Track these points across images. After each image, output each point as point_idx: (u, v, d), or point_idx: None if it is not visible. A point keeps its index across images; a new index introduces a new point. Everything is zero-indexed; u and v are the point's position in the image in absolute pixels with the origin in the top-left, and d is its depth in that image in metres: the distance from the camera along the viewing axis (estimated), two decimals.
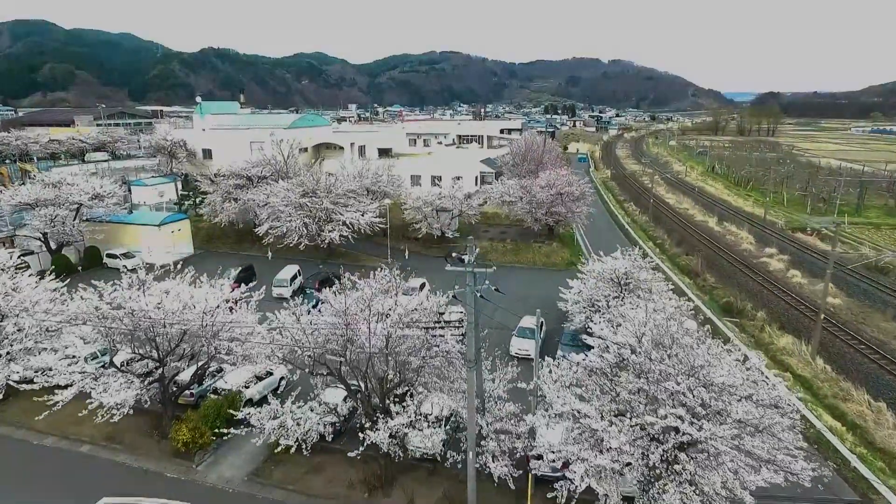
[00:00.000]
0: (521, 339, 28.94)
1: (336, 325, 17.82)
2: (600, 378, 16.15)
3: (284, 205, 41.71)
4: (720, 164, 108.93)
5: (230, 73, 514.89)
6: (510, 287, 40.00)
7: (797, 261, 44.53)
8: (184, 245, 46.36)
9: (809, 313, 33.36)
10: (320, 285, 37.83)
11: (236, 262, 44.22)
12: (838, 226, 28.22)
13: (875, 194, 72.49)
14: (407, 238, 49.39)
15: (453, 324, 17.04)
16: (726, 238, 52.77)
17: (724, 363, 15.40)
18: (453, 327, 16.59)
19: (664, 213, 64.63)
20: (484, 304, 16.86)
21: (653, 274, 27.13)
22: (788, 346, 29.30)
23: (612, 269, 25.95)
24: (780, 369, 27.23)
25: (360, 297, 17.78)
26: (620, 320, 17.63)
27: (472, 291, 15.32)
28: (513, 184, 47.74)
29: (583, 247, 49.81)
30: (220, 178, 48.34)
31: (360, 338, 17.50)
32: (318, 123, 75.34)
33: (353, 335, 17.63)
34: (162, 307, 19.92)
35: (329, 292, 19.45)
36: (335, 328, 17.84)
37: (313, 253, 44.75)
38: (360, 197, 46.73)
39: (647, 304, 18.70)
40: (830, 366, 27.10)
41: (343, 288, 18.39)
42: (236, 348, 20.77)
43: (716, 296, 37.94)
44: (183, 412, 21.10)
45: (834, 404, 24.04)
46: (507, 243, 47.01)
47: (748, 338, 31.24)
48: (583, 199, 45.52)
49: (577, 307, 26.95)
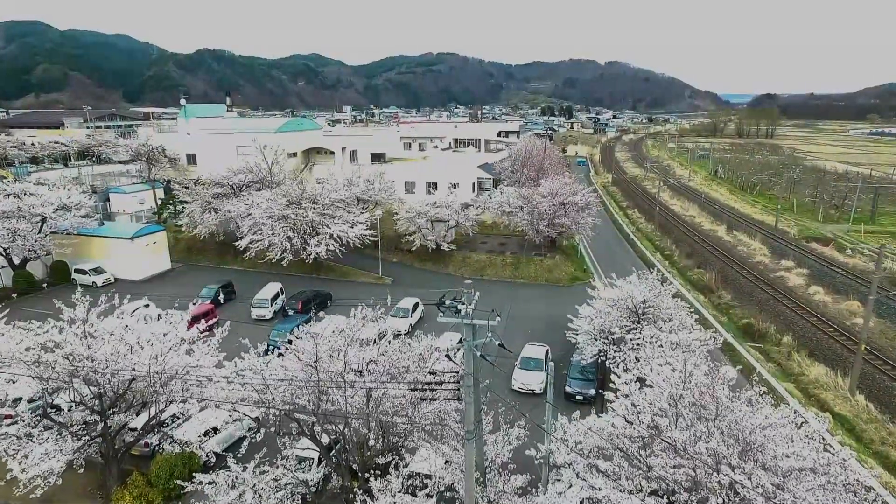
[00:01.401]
0: (525, 371, 25.84)
1: (306, 377, 14.73)
2: (628, 447, 13.10)
3: (267, 217, 38.56)
4: (723, 167, 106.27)
5: (226, 75, 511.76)
6: (505, 308, 37.12)
7: (817, 275, 41.69)
8: (160, 259, 43.14)
9: (839, 337, 30.46)
10: (304, 306, 34.84)
11: (217, 277, 41.16)
12: (882, 246, 25.28)
13: (888, 201, 69.83)
14: (400, 251, 46.34)
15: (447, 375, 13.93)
16: (738, 249, 49.88)
17: (786, 433, 12.42)
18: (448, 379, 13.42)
19: (670, 221, 61.79)
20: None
21: (675, 301, 24.13)
22: (821, 378, 26.36)
23: (629, 297, 22.90)
24: (817, 407, 24.29)
25: (334, 345, 14.66)
26: (649, 374, 14.57)
27: (470, 349, 12.25)
28: (512, 192, 44.67)
29: (587, 260, 46.82)
30: (200, 186, 45.16)
31: (333, 394, 14.42)
32: (308, 127, 72.17)
33: (326, 389, 14.55)
34: (105, 350, 16.79)
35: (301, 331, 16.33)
36: (305, 380, 14.74)
37: (299, 268, 41.65)
38: (349, 207, 43.69)
39: (681, 354, 15.70)
40: (873, 403, 24.15)
41: (313, 335, 15.18)
42: (194, 395, 17.63)
43: (734, 316, 35.00)
44: (145, 465, 18.03)
45: (884, 452, 21.08)
46: (506, 256, 43.98)
47: (775, 367, 28.30)
48: (588, 209, 42.51)
49: (587, 337, 23.89)
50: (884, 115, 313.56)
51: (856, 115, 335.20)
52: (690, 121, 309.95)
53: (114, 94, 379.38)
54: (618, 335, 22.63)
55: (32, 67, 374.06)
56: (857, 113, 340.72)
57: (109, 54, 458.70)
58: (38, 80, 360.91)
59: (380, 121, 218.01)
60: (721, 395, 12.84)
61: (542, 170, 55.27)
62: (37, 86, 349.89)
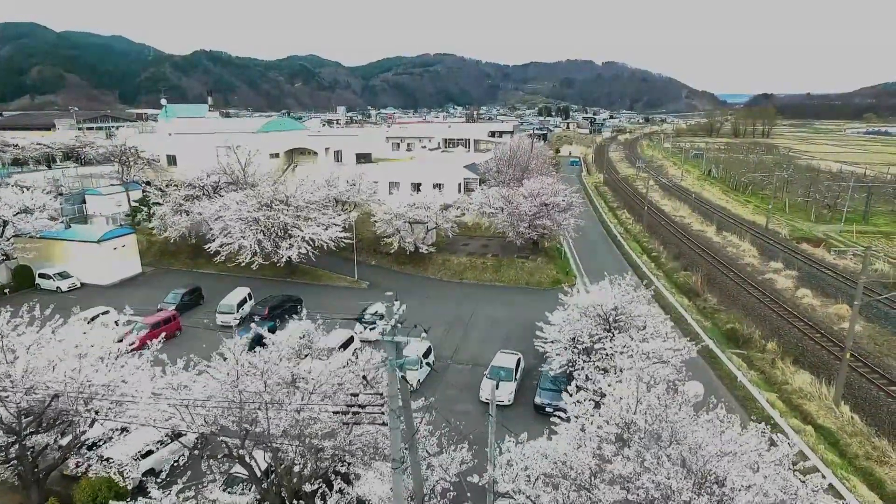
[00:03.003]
0: (494, 380, 24.51)
1: (229, 398, 13.39)
2: (578, 475, 11.77)
3: (238, 219, 37.22)
4: (717, 167, 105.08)
5: (222, 76, 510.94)
6: (486, 311, 36.06)
7: (806, 277, 40.41)
8: (130, 262, 41.76)
9: (826, 343, 29.16)
10: (270, 312, 33.46)
11: (190, 281, 39.84)
12: (867, 248, 23.98)
13: (881, 200, 68.63)
14: (379, 253, 45.02)
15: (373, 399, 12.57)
16: (727, 251, 48.61)
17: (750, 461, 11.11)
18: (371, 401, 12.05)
19: (659, 222, 60.52)
20: (452, 327, 12.47)
21: (649, 307, 22.82)
22: (805, 388, 25.08)
23: (598, 304, 21.58)
24: (799, 418, 23.02)
25: (257, 367, 13.28)
26: (605, 387, 13.26)
27: (393, 369, 10.91)
28: (493, 193, 43.36)
29: (572, 262, 45.53)
30: (172, 187, 43.83)
31: (259, 415, 13.09)
32: (291, 127, 70.87)
33: (251, 409, 13.22)
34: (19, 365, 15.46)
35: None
36: (227, 400, 13.41)
37: (273, 272, 40.33)
38: (325, 209, 42.39)
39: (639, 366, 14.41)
40: (858, 414, 22.87)
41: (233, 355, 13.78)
42: (117, 414, 16.28)
43: (718, 321, 33.71)
44: (73, 485, 16.72)
45: (868, 468, 19.79)
46: (486, 259, 42.66)
47: (758, 375, 27.00)
48: (570, 209, 41.22)
49: (557, 346, 22.56)
50: (880, 114, 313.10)
51: (853, 114, 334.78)
52: (687, 121, 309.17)
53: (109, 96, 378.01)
54: (586, 344, 21.33)
55: (28, 69, 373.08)
56: (854, 112, 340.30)
57: (105, 56, 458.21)
58: (33, 81, 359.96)
59: (376, 121, 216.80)
60: (677, 417, 11.52)
61: (528, 170, 53.95)
62: (32, 88, 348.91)
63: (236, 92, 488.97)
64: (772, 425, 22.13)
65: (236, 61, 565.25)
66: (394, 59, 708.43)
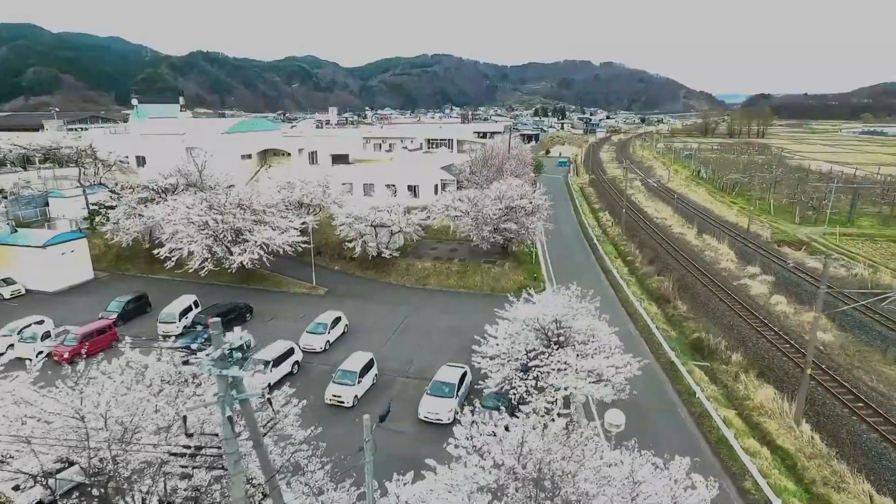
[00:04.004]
0: (435, 397, 22.93)
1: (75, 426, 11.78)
2: None
3: (187, 222, 35.62)
4: (706, 167, 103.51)
5: (219, 77, 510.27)
6: (445, 319, 34.40)
7: (782, 282, 38.83)
8: (80, 268, 40.15)
9: (794, 354, 27.58)
10: None
11: (144, 287, 38.26)
12: (828, 255, 22.44)
13: (869, 201, 67.06)
14: (343, 258, 43.44)
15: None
16: (705, 254, 47.03)
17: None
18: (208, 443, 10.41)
19: (640, 224, 58.93)
20: (406, 336, 10.83)
21: (593, 318, 21.22)
22: (767, 403, 23.50)
23: (535, 317, 19.98)
24: (757, 438, 21.44)
25: (101, 396, 11.65)
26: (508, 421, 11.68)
27: (224, 407, 9.29)
28: (459, 195, 41.79)
29: (542, 267, 43.93)
30: (127, 190, 42.27)
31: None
32: (264, 128, 69.24)
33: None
34: None
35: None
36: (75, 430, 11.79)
37: (229, 278, 38.76)
38: (284, 212, 40.83)
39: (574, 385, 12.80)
40: (819, 434, 21.29)
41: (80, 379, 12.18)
42: None
43: (686, 329, 32.12)
44: None
45: (824, 496, 18.20)
46: (452, 264, 41.08)
47: (719, 389, 25.42)
48: (538, 213, 39.64)
49: (493, 362, 20.94)
50: (877, 114, 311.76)
51: (850, 114, 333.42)
52: (684, 121, 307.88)
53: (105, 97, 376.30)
54: (523, 361, 19.76)
55: (24, 70, 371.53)
56: (850, 112, 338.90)
57: (102, 57, 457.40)
58: (28, 83, 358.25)
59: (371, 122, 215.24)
60: (561, 466, 9.94)
61: (502, 171, 52.36)
62: (27, 89, 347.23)
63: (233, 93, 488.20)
64: (725, 448, 20.65)
65: (233, 62, 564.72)
66: (392, 60, 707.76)
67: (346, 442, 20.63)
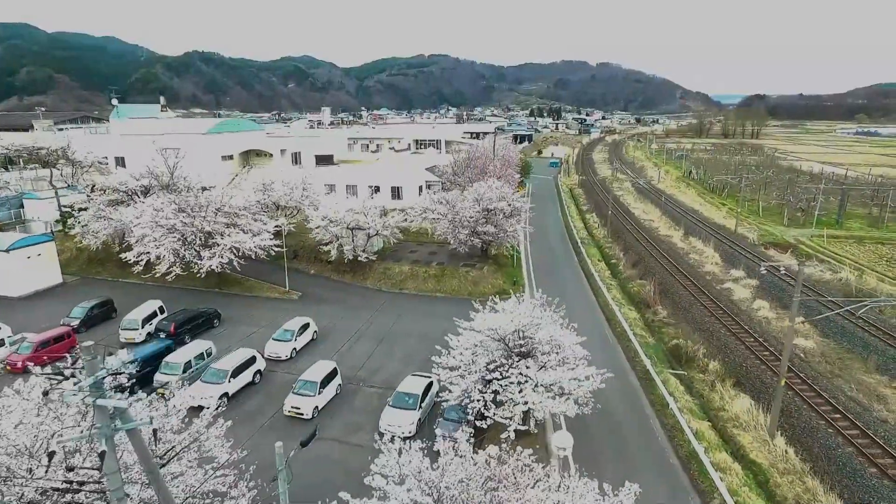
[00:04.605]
0: (398, 409, 21.97)
1: None
2: None
3: (154, 225, 34.61)
4: (697, 168, 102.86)
5: (215, 77, 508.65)
6: (420, 324, 33.20)
7: (766, 286, 38.04)
8: (47, 272, 39.07)
9: (772, 362, 26.76)
10: (178, 328, 30.83)
11: (115, 291, 37.24)
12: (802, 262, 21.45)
13: (859, 203, 66.39)
14: (320, 261, 42.49)
15: None
16: (689, 257, 46.23)
17: None
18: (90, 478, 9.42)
19: (625, 226, 58.11)
20: (378, 343, 9.89)
21: (559, 327, 20.32)
22: (743, 415, 22.65)
23: (495, 328, 19.06)
24: (730, 452, 20.59)
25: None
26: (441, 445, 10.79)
27: (104, 436, 8.33)
28: (437, 197, 40.89)
29: (524, 270, 43.04)
30: (98, 192, 41.23)
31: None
32: (246, 128, 68.22)
33: None
34: None
35: None
36: None
37: (201, 282, 37.76)
38: (258, 214, 39.87)
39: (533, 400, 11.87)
40: (794, 447, 20.44)
41: None
42: None
43: (665, 336, 31.29)
44: None
45: None
46: (430, 267, 40.16)
47: (694, 400, 24.57)
48: (517, 215, 38.75)
49: (453, 374, 20.01)
50: (872, 115, 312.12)
51: (845, 115, 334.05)
52: (679, 122, 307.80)
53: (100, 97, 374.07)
54: (483, 374, 18.87)
55: (18, 70, 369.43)
56: (845, 113, 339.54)
57: (98, 57, 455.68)
58: (22, 83, 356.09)
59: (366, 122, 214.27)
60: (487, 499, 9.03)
61: (485, 173, 51.44)
62: (21, 89, 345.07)
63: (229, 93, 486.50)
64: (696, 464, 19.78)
65: (229, 62, 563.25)
66: (388, 60, 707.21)
67: (301, 458, 19.74)
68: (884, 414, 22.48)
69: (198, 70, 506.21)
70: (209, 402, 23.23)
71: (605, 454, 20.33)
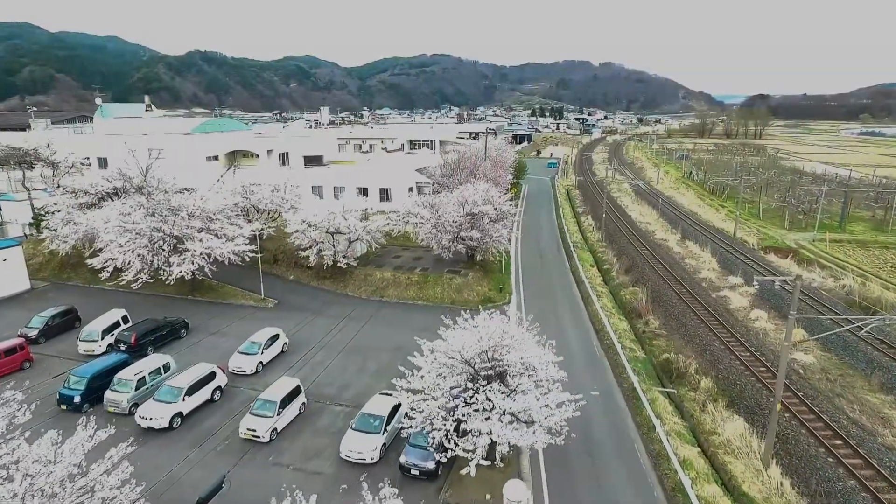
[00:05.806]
0: (361, 433, 20.25)
1: None
2: None
3: (122, 230, 33.02)
4: (698, 169, 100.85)
5: (217, 77, 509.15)
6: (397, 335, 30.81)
7: (765, 295, 36.22)
8: (14, 278, 37.59)
9: (769, 379, 24.97)
10: (139, 339, 29.21)
11: (87, 297, 35.75)
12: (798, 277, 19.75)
13: (863, 205, 64.38)
14: (300, 266, 40.86)
15: None
16: (685, 263, 44.41)
17: None
18: None
19: (622, 230, 56.29)
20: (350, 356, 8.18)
21: (534, 346, 18.60)
22: (735, 440, 20.90)
23: (458, 349, 17.34)
24: (720, 483, 18.84)
25: None
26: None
27: None
28: (421, 200, 39.21)
29: (512, 276, 41.30)
30: (68, 194, 39.71)
31: None
32: (232, 128, 66.70)
33: None
34: None
35: None
36: None
37: (175, 289, 36.21)
38: (234, 218, 38.28)
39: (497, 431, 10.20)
40: (790, 478, 18.68)
41: None
42: None
43: (655, 349, 29.52)
44: None
45: None
46: (414, 274, 38.48)
47: (684, 423, 22.81)
48: (503, 220, 37.03)
49: (419, 397, 18.30)
50: (876, 115, 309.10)
51: (848, 115, 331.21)
52: (681, 122, 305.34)
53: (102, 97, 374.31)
54: (445, 400, 17.17)
55: (19, 69, 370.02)
56: (849, 113, 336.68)
57: (99, 56, 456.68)
58: (23, 82, 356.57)
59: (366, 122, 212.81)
60: None
61: (475, 175, 49.74)
62: (23, 88, 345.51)
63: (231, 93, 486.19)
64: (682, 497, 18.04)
65: (231, 62, 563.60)
66: (390, 60, 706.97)
67: (252, 489, 18.08)
68: (889, 440, 20.70)
69: (200, 70, 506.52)
70: (160, 423, 21.86)
71: (582, 484, 18.64)
